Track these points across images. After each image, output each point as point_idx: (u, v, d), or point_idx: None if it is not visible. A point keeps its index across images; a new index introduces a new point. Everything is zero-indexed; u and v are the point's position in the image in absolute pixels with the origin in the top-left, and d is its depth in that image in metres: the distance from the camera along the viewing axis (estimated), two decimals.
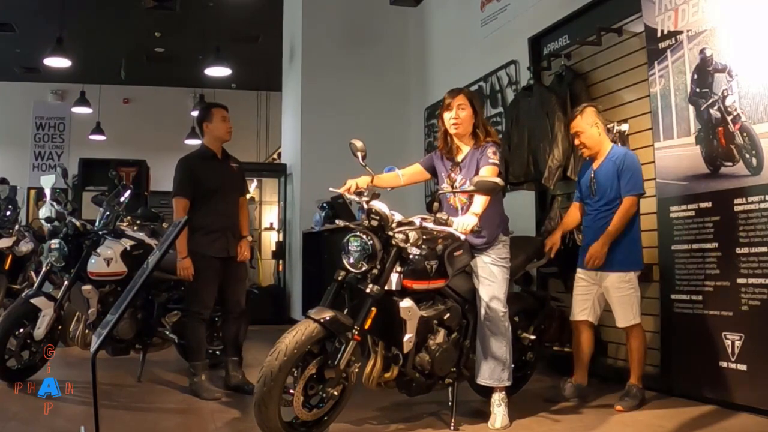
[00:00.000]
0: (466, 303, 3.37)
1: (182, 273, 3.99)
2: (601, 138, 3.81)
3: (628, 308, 3.66)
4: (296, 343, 2.77)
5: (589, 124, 3.79)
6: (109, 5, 9.39)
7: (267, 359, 2.76)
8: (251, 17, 9.53)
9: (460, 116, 3.38)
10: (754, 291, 3.43)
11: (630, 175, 3.67)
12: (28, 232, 7.08)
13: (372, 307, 2.94)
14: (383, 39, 7.83)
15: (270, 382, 2.71)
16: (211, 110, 4.23)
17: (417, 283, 3.09)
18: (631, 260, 3.71)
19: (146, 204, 9.46)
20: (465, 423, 3.36)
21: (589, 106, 3.89)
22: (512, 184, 5.15)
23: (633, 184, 3.67)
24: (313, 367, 2.86)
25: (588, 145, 3.81)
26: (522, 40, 5.45)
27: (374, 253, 2.97)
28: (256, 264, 8.84)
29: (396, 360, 3.06)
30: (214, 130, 4.20)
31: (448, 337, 3.24)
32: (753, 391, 3.39)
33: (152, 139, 13.07)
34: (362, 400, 3.49)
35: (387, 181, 3.51)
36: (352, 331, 2.87)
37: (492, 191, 3.12)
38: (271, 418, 2.75)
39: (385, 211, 3.07)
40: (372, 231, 3.03)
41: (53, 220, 5.46)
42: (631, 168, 3.68)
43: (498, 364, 3.29)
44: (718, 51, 3.68)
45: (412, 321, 3.00)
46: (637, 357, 3.67)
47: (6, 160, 12.55)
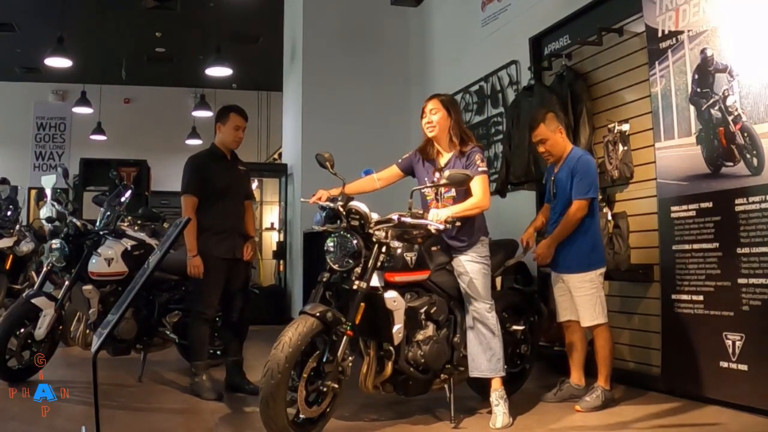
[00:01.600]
0: (452, 299, 3.45)
1: (192, 271, 3.97)
2: (564, 143, 3.83)
3: (590, 308, 3.65)
4: (299, 335, 2.81)
5: (552, 131, 3.79)
6: (109, 5, 9.40)
7: (271, 353, 2.79)
8: (252, 17, 9.53)
9: (433, 120, 3.48)
10: (755, 291, 3.43)
11: (580, 179, 3.67)
12: (28, 232, 7.09)
13: (361, 302, 3.02)
14: (384, 39, 7.83)
15: (277, 374, 2.73)
16: (229, 114, 4.19)
17: (399, 275, 3.20)
18: (590, 261, 3.69)
19: (147, 204, 9.48)
20: (465, 419, 3.38)
21: (549, 112, 3.90)
22: (513, 184, 5.16)
23: (581, 187, 3.66)
24: (314, 362, 2.90)
25: (553, 153, 3.82)
26: (523, 40, 5.44)
27: (357, 250, 3.06)
28: (256, 264, 8.84)
29: (388, 355, 3.12)
30: (224, 134, 4.20)
31: (438, 332, 3.33)
32: (754, 391, 3.39)
33: (153, 139, 13.09)
34: (362, 400, 3.50)
35: (362, 186, 3.61)
36: (345, 326, 2.94)
37: (463, 183, 3.23)
38: (279, 415, 2.75)
39: (364, 210, 3.16)
40: (353, 230, 3.13)
41: (54, 220, 5.46)
42: (582, 171, 3.67)
43: (490, 355, 3.35)
44: (719, 51, 3.68)
45: (398, 312, 3.11)
46: (603, 357, 3.66)
47: (7, 160, 12.56)
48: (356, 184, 3.59)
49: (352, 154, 6.38)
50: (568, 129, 4.51)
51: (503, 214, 5.51)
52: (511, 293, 4.04)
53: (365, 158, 5.56)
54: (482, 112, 6.28)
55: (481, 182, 3.35)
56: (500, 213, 5.54)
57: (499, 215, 5.52)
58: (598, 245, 3.76)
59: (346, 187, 3.39)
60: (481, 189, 3.34)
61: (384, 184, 3.63)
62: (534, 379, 4.08)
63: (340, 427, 3.11)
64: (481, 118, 6.30)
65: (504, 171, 5.18)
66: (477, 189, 3.33)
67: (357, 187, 3.57)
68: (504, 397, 3.35)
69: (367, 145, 6.81)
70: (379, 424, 3.35)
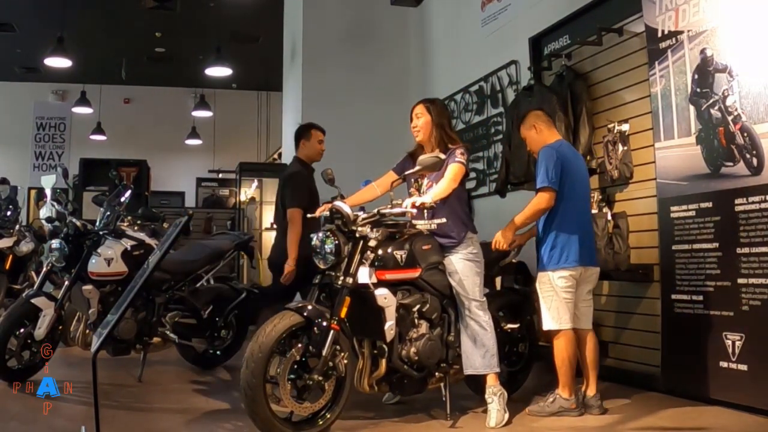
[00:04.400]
0: (445, 298, 3.48)
1: (286, 278, 4.23)
2: (540, 138, 3.71)
3: (545, 311, 3.55)
4: (274, 326, 2.93)
5: (527, 129, 3.76)
6: (109, 5, 9.40)
7: (248, 345, 2.91)
8: (251, 17, 9.53)
9: (418, 124, 3.60)
10: (755, 291, 3.43)
11: (537, 170, 3.58)
12: (28, 232, 7.09)
13: (346, 296, 3.09)
14: (384, 39, 7.82)
15: (251, 363, 2.84)
16: (311, 130, 4.64)
17: (390, 273, 3.25)
18: (548, 260, 3.55)
19: (147, 204, 9.47)
20: (461, 418, 3.40)
21: (530, 113, 3.85)
22: (513, 184, 5.15)
23: (538, 177, 3.56)
24: (297, 354, 2.95)
25: (533, 150, 3.78)
26: (523, 40, 5.45)
27: (338, 246, 3.13)
28: (256, 264, 8.84)
29: (382, 353, 3.18)
30: (309, 149, 4.60)
31: (431, 330, 3.37)
32: (754, 391, 3.39)
33: (153, 139, 13.10)
34: (361, 399, 3.51)
35: (363, 195, 3.68)
36: (329, 320, 2.99)
37: (435, 167, 3.31)
38: (259, 404, 2.83)
39: (345, 209, 3.23)
40: (337, 229, 3.21)
41: (54, 220, 5.45)
42: (538, 162, 3.59)
43: (484, 352, 3.38)
44: (719, 51, 3.68)
45: (390, 308, 3.16)
46: (558, 365, 3.51)
47: (7, 160, 12.56)
48: (357, 194, 3.66)
49: (352, 155, 6.41)
50: (568, 129, 4.52)
51: (503, 214, 5.49)
52: (507, 292, 4.07)
53: (365, 158, 5.59)
54: (482, 112, 6.28)
55: (455, 168, 3.41)
56: (500, 213, 5.54)
57: (499, 215, 5.53)
58: (560, 245, 3.52)
59: (349, 198, 3.47)
60: (451, 172, 3.40)
61: (384, 190, 3.65)
62: (533, 379, 4.08)
63: (337, 426, 3.12)
64: (481, 118, 6.29)
65: (504, 171, 5.18)
66: (447, 173, 3.40)
67: (358, 197, 3.65)
68: (499, 393, 3.36)
69: (367, 145, 6.81)
70: (376, 423, 3.36)
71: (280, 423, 2.88)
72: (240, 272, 8.66)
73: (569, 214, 3.57)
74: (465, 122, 6.51)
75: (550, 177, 3.50)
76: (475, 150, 6.10)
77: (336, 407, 3.04)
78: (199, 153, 13.43)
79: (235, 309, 4.84)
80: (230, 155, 12.30)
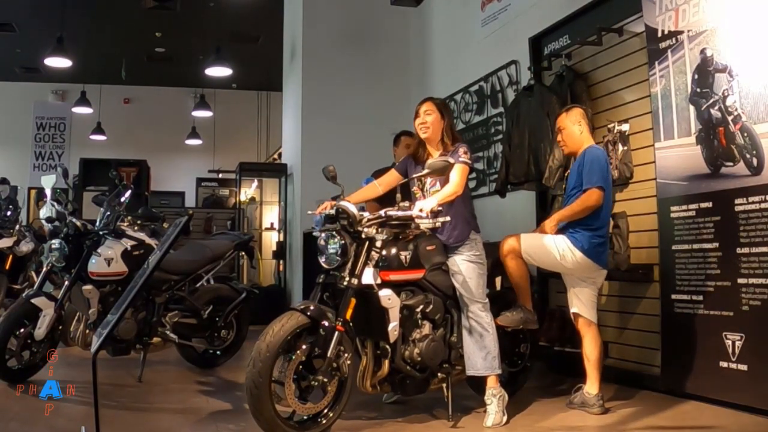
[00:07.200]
0: (448, 298, 3.48)
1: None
2: (582, 138, 3.74)
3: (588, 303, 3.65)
4: (282, 326, 2.90)
5: (572, 122, 3.74)
6: (109, 5, 9.40)
7: (255, 344, 2.87)
8: (251, 17, 9.53)
9: (427, 120, 3.57)
10: (755, 291, 3.43)
11: (588, 169, 3.59)
12: (28, 232, 7.08)
13: (351, 297, 3.06)
14: (384, 39, 7.83)
15: (258, 363, 2.81)
16: (400, 138, 4.90)
17: (394, 273, 3.25)
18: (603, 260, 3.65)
19: (147, 204, 9.45)
20: (463, 418, 3.40)
21: (578, 107, 3.86)
22: (513, 184, 5.15)
23: (588, 176, 3.57)
24: (302, 354, 2.93)
25: (567, 143, 3.77)
26: (522, 40, 5.44)
27: (344, 246, 3.11)
28: (256, 264, 8.84)
29: (385, 353, 3.17)
30: (397, 157, 4.74)
31: (434, 331, 3.37)
32: (753, 391, 3.39)
33: (153, 139, 13.10)
34: (361, 399, 3.51)
35: (365, 193, 3.70)
36: (335, 321, 2.98)
37: (444, 171, 3.27)
38: (265, 404, 2.81)
39: (351, 209, 3.21)
40: (342, 229, 3.19)
41: (54, 220, 5.44)
42: (588, 161, 3.60)
43: (485, 354, 3.37)
44: (719, 51, 3.68)
45: (393, 309, 3.15)
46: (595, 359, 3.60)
47: (6, 160, 12.56)
48: (359, 192, 3.67)
49: (351, 154, 6.41)
50: None
51: (503, 214, 5.52)
52: (509, 293, 4.04)
53: (365, 158, 5.59)
54: (482, 112, 6.28)
55: (460, 170, 3.41)
56: (500, 213, 5.55)
57: (499, 215, 5.55)
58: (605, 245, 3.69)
59: (351, 196, 3.46)
60: (458, 176, 3.39)
61: (386, 189, 3.65)
62: (534, 379, 4.08)
63: (339, 426, 3.12)
64: (480, 118, 6.30)
65: (504, 171, 5.17)
66: (454, 175, 3.39)
67: (360, 194, 3.66)
68: (498, 395, 3.36)
69: (367, 144, 6.81)
70: (378, 423, 3.36)
71: (283, 422, 2.87)
72: (240, 272, 8.66)
73: (603, 217, 3.67)
74: (465, 122, 6.51)
75: (605, 178, 3.59)
76: (475, 150, 6.10)
77: (338, 407, 3.04)
78: (199, 153, 13.43)
79: (235, 309, 4.83)
80: (230, 155, 12.29)
